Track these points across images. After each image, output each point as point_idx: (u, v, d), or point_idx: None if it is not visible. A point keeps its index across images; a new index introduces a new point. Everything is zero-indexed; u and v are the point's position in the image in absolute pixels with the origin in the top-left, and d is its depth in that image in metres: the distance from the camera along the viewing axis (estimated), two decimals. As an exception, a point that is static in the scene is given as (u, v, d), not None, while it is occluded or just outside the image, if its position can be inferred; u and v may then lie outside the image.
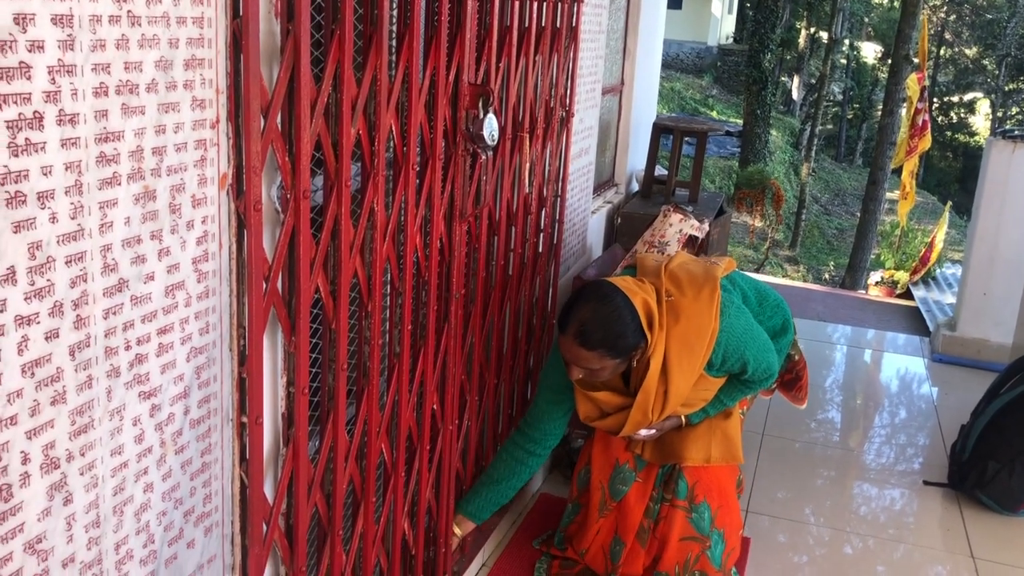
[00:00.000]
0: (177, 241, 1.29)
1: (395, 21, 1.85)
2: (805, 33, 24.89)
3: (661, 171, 4.60)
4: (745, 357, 2.37)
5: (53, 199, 1.06)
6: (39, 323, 1.06)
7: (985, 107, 30.52)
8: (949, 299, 6.23)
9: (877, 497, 3.38)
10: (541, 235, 2.83)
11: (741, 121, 18.43)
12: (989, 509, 3.23)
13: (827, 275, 17.42)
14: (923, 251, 7.19)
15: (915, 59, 9.93)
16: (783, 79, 26.01)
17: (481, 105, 2.09)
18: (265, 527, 1.56)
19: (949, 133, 30.66)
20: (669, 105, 19.33)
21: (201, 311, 1.37)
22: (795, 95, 26.21)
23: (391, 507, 2.06)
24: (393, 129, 1.79)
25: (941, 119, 30.19)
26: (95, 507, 1.20)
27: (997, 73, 28.78)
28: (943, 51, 29.30)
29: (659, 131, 4.43)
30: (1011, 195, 4.63)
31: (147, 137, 1.20)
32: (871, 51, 31.35)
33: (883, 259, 8.23)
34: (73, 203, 1.09)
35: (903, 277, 7.19)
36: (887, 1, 29.40)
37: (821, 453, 3.71)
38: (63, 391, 1.11)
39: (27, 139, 1.00)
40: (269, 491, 1.60)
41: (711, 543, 2.59)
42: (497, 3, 2.21)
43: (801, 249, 18.66)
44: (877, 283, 7.43)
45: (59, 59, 1.03)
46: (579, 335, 2.21)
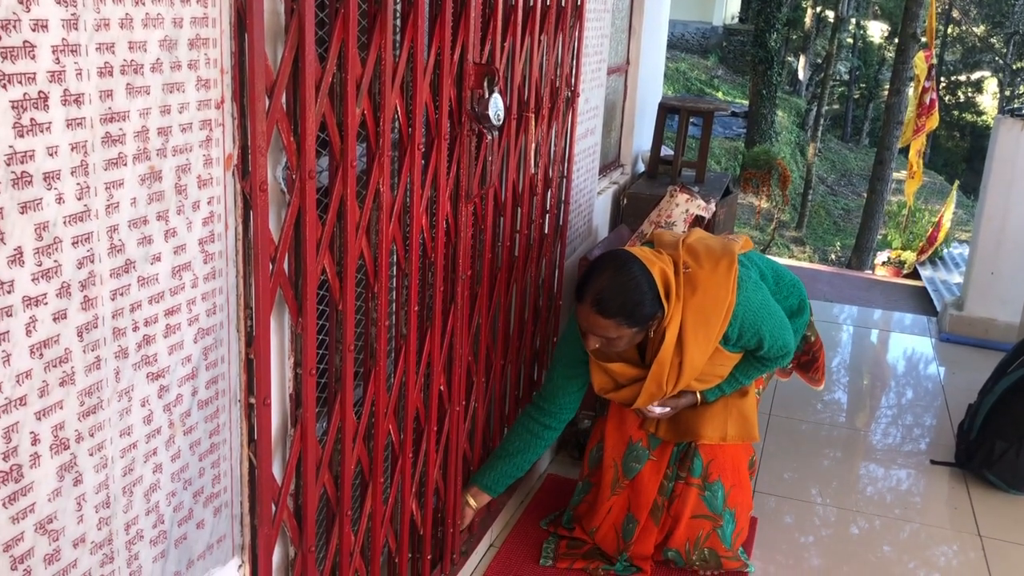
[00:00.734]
0: (183, 222, 1.29)
1: (399, 0, 1.84)
2: (811, 12, 24.69)
3: (667, 151, 4.58)
4: (761, 332, 2.37)
5: (59, 180, 1.05)
6: (47, 304, 1.06)
7: (993, 86, 30.30)
8: (956, 279, 6.22)
9: (884, 477, 3.38)
10: (547, 216, 2.83)
11: (747, 101, 18.34)
12: (996, 488, 3.23)
13: (834, 255, 17.38)
14: (930, 231, 7.16)
15: (922, 37, 9.85)
16: (789, 59, 25.85)
17: (486, 85, 2.08)
18: (274, 507, 1.57)
19: (956, 112, 30.46)
20: (675, 86, 19.22)
21: (208, 292, 1.37)
22: (801, 75, 26.05)
23: (399, 487, 2.07)
24: (398, 109, 1.79)
25: (948, 98, 29.99)
26: (105, 487, 1.20)
27: (1005, 51, 28.55)
28: (950, 29, 29.07)
29: (665, 111, 4.40)
30: (1019, 174, 4.61)
31: (152, 117, 1.20)
32: (878, 30, 31.10)
33: (890, 239, 8.20)
34: (79, 184, 1.09)
35: (910, 257, 7.17)
36: (894, -21, 29.14)
37: (828, 433, 3.71)
38: (72, 372, 1.12)
39: (32, 119, 1.00)
40: (278, 472, 1.61)
41: (723, 521, 2.60)
42: (502, -18, 2.19)
43: (807, 230, 18.60)
44: (884, 263, 7.41)
45: (63, 39, 1.03)
46: (597, 303, 2.20)
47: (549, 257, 2.91)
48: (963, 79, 31.18)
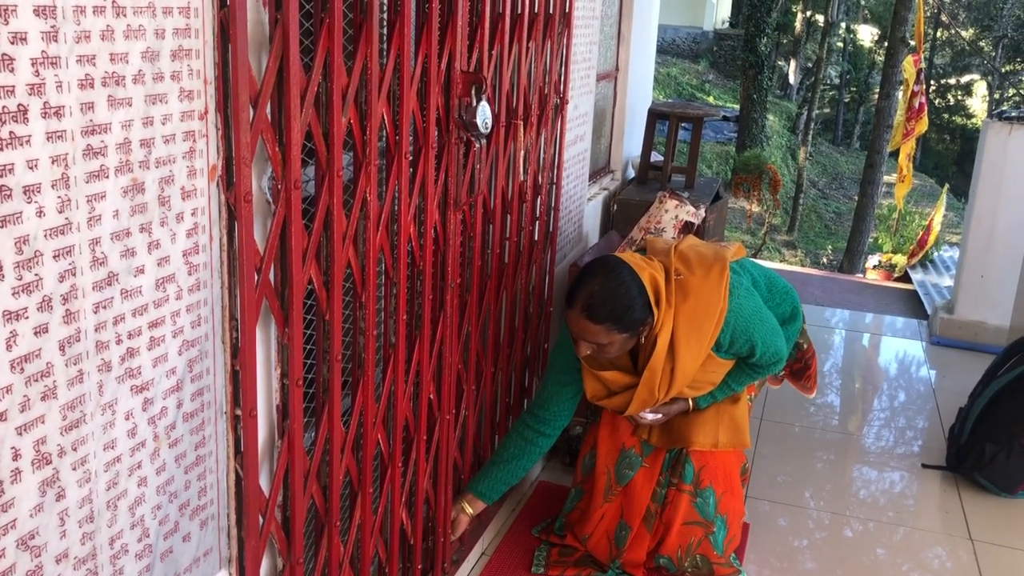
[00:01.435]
0: (167, 234, 1.28)
1: (385, 9, 1.84)
2: (801, 16, 24.78)
3: (657, 157, 4.58)
4: (753, 339, 2.37)
5: (39, 193, 1.05)
6: (28, 318, 1.05)
7: (982, 89, 30.45)
8: (947, 282, 6.23)
9: (876, 480, 3.38)
10: (537, 223, 2.82)
11: (738, 106, 18.38)
12: (987, 491, 3.23)
13: (825, 259, 17.42)
14: (921, 234, 7.18)
15: (911, 41, 9.89)
16: (779, 63, 25.92)
17: (474, 93, 2.08)
18: (261, 519, 1.56)
19: (946, 115, 30.59)
20: (665, 91, 19.26)
21: (193, 304, 1.36)
22: (792, 79, 26.13)
23: (388, 497, 2.06)
24: (385, 118, 1.78)
25: (938, 101, 30.12)
26: (88, 502, 1.19)
27: (994, 55, 28.70)
28: (939, 33, 29.20)
29: (655, 117, 4.41)
30: (1008, 177, 4.62)
31: (135, 129, 1.19)
32: (867, 34, 31.24)
33: (881, 243, 8.22)
34: (60, 197, 1.08)
35: (901, 260, 7.18)
36: (883, -17, 29.28)
37: (820, 437, 3.71)
38: (53, 386, 1.11)
39: (11, 132, 0.99)
40: (265, 483, 1.60)
41: (715, 528, 2.60)
42: (489, -11, 2.19)
43: (799, 233, 18.64)
44: (875, 267, 7.43)
45: (43, 51, 1.02)
46: (586, 308, 2.21)
47: (539, 264, 2.91)
48: (952, 82, 31.33)
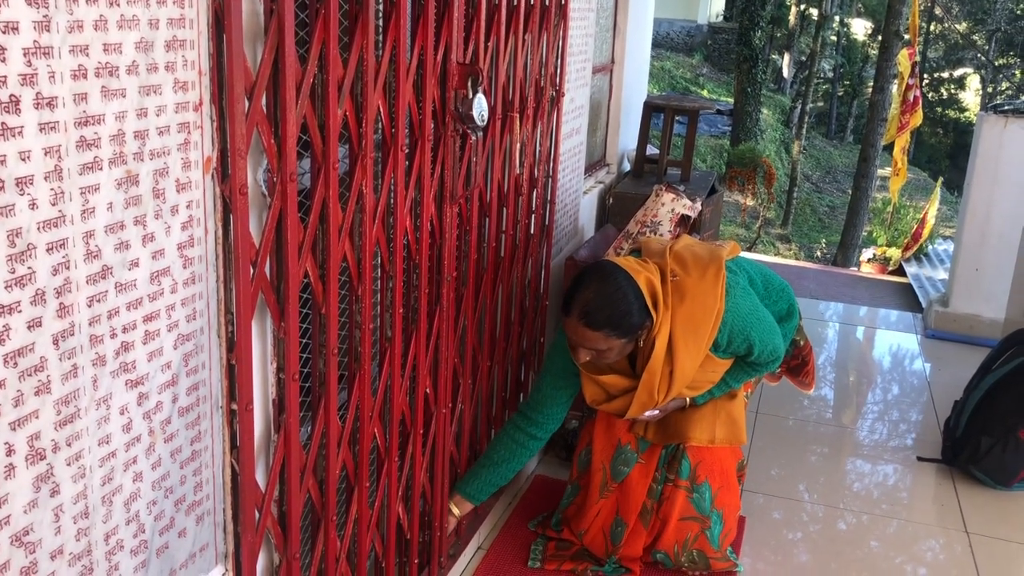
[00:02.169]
0: (162, 226, 1.27)
1: (381, 0, 1.82)
2: (795, 10, 24.77)
3: (653, 150, 4.57)
4: (751, 339, 2.37)
5: (32, 185, 1.03)
6: (21, 312, 1.04)
7: (975, 83, 30.50)
8: (941, 275, 6.24)
9: (871, 473, 3.38)
10: (533, 216, 2.81)
11: (732, 100, 18.38)
12: (983, 484, 3.24)
13: (819, 252, 17.44)
14: (915, 227, 7.19)
15: (906, 35, 9.89)
16: (773, 57, 25.93)
17: (470, 85, 2.07)
18: (258, 514, 1.55)
19: (940, 109, 30.63)
20: (660, 84, 19.24)
21: (188, 297, 1.35)
22: (786, 73, 26.14)
23: (385, 492, 2.05)
24: (381, 110, 1.77)
25: (932, 95, 30.16)
26: (83, 498, 1.18)
27: (987, 48, 28.73)
28: (933, 27, 29.23)
29: (650, 110, 4.40)
30: (1002, 170, 4.62)
31: (128, 120, 1.18)
32: (861, 28, 31.24)
33: (875, 236, 8.23)
34: (53, 189, 1.06)
35: (895, 254, 7.19)
36: (877, -23, 29.28)
37: (814, 430, 3.71)
38: (47, 381, 1.09)
39: (3, 123, 0.98)
40: (261, 478, 1.59)
41: (711, 523, 2.59)
42: (485, -19, 2.18)
43: (793, 227, 18.66)
44: (869, 260, 7.44)
45: (35, 41, 1.01)
46: (584, 316, 2.20)
47: (535, 257, 2.90)
48: (946, 76, 31.36)
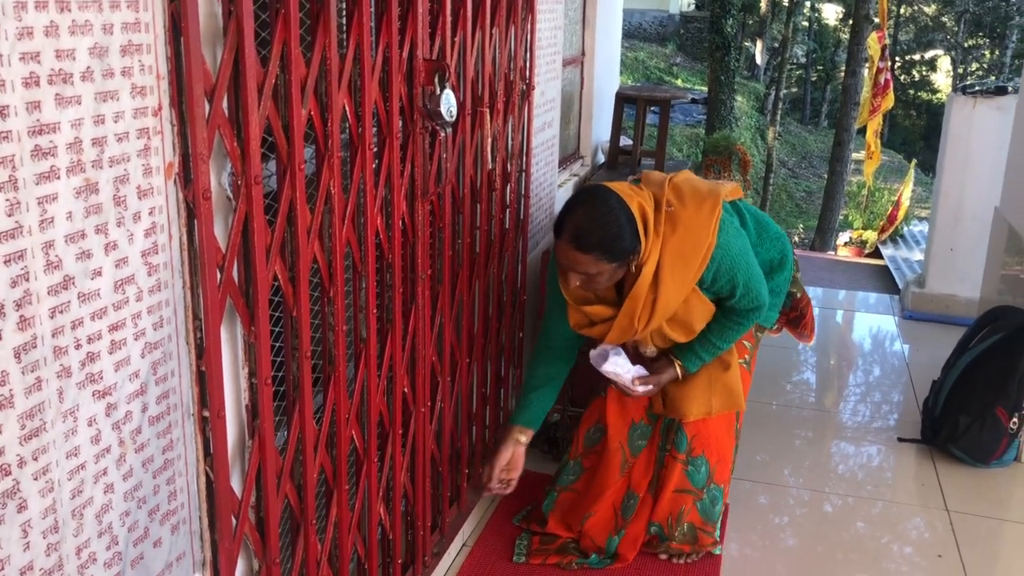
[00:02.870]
0: (124, 234, 1.25)
1: (343, -2, 1.81)
2: (766, -3, 24.84)
3: (627, 141, 4.57)
4: (736, 279, 2.37)
5: (-14, 196, 1.01)
6: (-21, 326, 1.02)
7: (946, 64, 30.75)
8: (917, 256, 6.29)
9: (854, 456, 3.41)
10: (507, 211, 2.80)
11: (706, 88, 18.41)
12: (962, 462, 3.26)
13: (797, 237, 17.55)
14: (890, 210, 7.24)
15: (875, 19, 9.94)
16: (746, 44, 26.00)
17: (437, 81, 2.05)
18: (235, 521, 1.54)
19: (912, 91, 30.86)
20: (634, 75, 19.25)
21: (154, 305, 1.33)
22: (759, 60, 26.23)
23: (365, 493, 2.04)
24: (347, 109, 1.75)
25: (904, 77, 30.37)
26: (52, 512, 1.17)
27: (956, 30, 28.97)
28: (903, 9, 29.42)
29: (622, 101, 4.40)
30: (973, 150, 4.67)
31: (85, 128, 1.16)
32: (832, 12, 31.40)
33: (851, 219, 8.30)
34: (9, 200, 1.04)
35: (872, 236, 7.25)
36: (846, -39, 29.43)
37: (797, 415, 3.73)
38: (10, 395, 1.07)
39: (-47, 135, 0.96)
40: (237, 484, 1.57)
41: (704, 496, 2.62)
42: (449, -24, 2.16)
43: (770, 213, 18.73)
44: (846, 243, 7.50)
45: (-17, 49, 0.99)
46: (575, 239, 2.19)
47: (511, 252, 2.89)
48: (917, 58, 31.59)
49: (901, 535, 2.88)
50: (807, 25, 29.28)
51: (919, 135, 29.26)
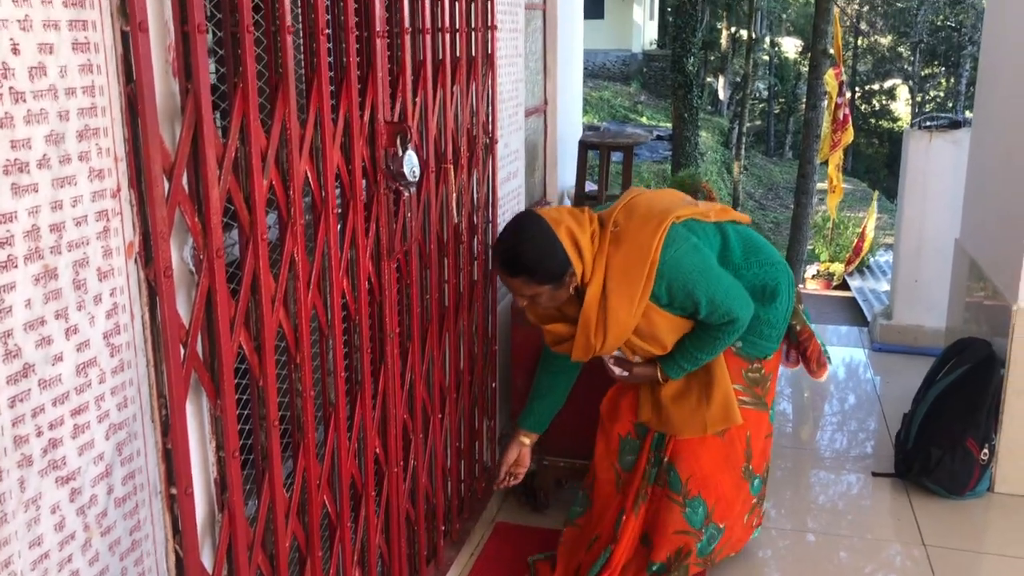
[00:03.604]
0: (85, 317, 1.25)
1: (302, 66, 1.83)
2: (726, 33, 25.35)
3: (592, 186, 4.62)
4: (695, 296, 2.38)
5: (-58, 291, 1.01)
6: (-64, 422, 1.01)
7: (904, 93, 31.42)
8: (884, 287, 6.37)
9: (829, 490, 3.42)
10: (475, 262, 2.82)
11: (671, 125, 18.66)
12: (936, 495, 3.28)
13: (767, 269, 17.65)
14: (855, 241, 7.35)
15: (832, 52, 10.16)
16: (709, 80, 26.45)
17: (399, 142, 2.07)
18: (205, 598, 1.52)
19: (873, 120, 31.48)
20: (600, 114, 19.50)
21: (117, 386, 1.32)
22: (722, 95, 26.68)
23: (339, 558, 2.02)
24: (309, 175, 1.76)
25: (864, 107, 30.98)
26: (15, 605, 1.15)
27: (912, 60, 29.65)
28: (860, 41, 30.12)
29: (586, 148, 4.45)
30: (932, 183, 4.76)
31: (43, 215, 1.16)
32: (792, 46, 32.07)
33: (818, 252, 8.40)
34: (-35, 292, 1.04)
35: (839, 268, 7.34)
36: (802, -3, 30.14)
37: (776, 447, 3.73)
38: (-30, 489, 1.06)
39: (-93, 233, 0.96)
40: (208, 560, 1.55)
41: (703, 536, 2.64)
42: (408, 39, 2.19)
43: (740, 245, 18.90)
44: (814, 276, 7.58)
45: (-64, 146, 0.99)
46: (503, 264, 2.37)
47: (481, 303, 2.90)
48: (876, 88, 32.27)
49: (877, 571, 2.89)
50: (768, 59, 29.85)
51: (882, 163, 29.79)
